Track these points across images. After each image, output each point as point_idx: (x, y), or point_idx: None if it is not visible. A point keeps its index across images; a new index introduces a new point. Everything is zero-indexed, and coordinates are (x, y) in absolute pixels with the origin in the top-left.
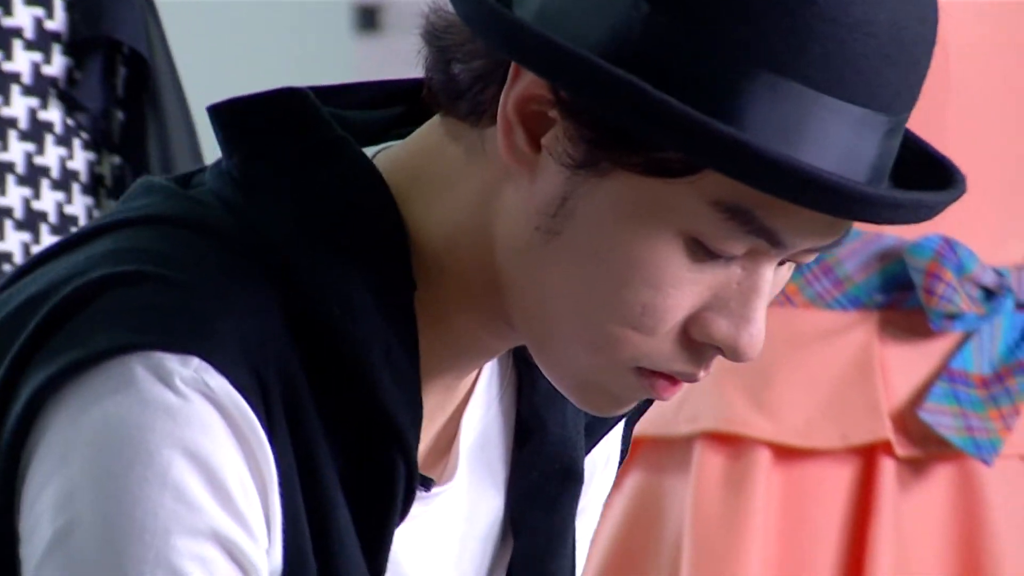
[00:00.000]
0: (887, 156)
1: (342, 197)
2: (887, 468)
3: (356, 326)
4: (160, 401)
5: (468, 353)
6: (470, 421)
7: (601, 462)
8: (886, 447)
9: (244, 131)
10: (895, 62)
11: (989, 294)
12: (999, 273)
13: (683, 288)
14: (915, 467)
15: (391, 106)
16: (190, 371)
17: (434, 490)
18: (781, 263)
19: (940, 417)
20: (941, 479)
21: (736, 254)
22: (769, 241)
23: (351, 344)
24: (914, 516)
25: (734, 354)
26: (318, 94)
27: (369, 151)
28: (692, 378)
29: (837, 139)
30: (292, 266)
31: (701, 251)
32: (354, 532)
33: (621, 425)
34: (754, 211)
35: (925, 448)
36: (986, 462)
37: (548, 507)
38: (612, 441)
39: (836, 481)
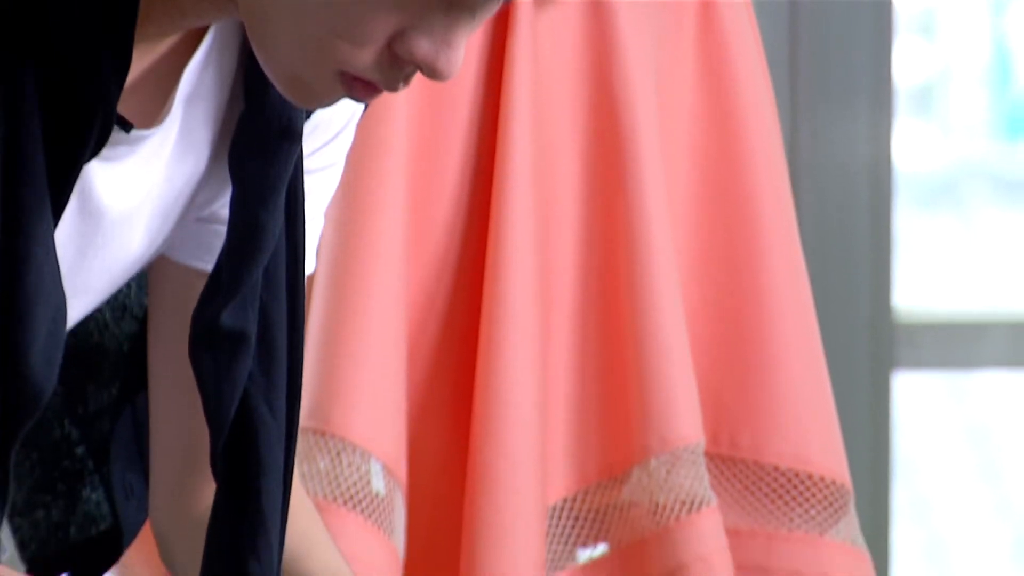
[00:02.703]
0: None
1: None
2: None
3: None
4: None
5: (189, 18)
6: (190, 75)
7: (340, 118)
8: None
9: None
10: None
11: None
12: None
13: (393, 7)
14: None
15: None
16: None
17: (142, 133)
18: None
19: None
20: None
21: None
22: None
23: None
24: (549, 36)
25: (431, 72)
26: None
27: None
28: (392, 88)
29: None
30: None
31: None
32: (44, 162)
33: None
34: None
35: None
36: None
37: (264, 160)
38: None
39: None
